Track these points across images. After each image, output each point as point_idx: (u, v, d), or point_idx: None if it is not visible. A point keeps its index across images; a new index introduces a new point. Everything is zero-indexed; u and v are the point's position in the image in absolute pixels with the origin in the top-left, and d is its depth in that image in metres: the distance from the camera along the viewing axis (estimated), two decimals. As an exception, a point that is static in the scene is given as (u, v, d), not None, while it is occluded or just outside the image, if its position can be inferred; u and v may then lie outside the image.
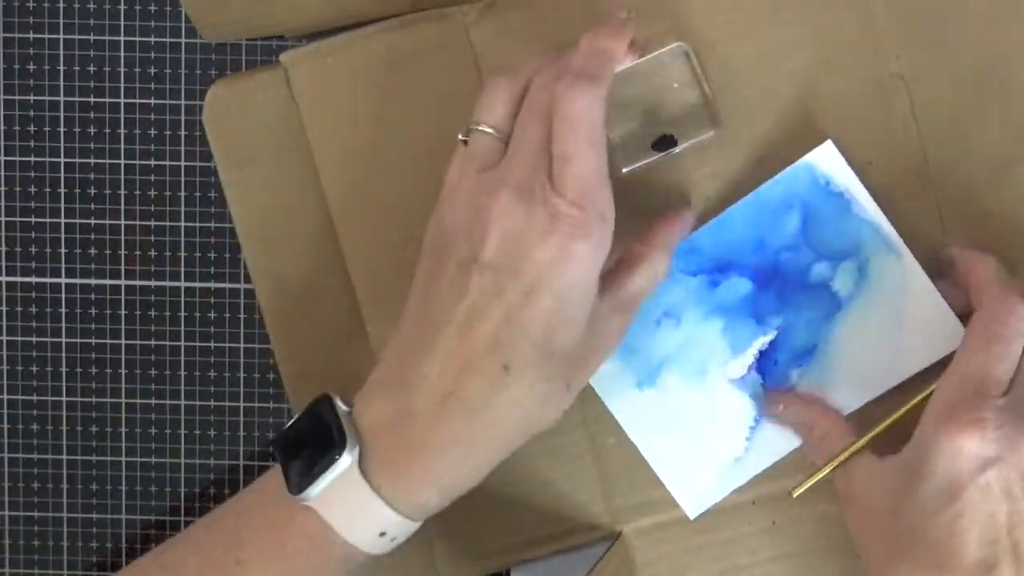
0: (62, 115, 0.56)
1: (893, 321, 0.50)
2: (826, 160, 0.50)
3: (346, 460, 0.42)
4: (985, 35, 0.50)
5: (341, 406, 0.44)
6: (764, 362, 0.51)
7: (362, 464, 0.42)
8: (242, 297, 0.56)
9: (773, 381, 0.51)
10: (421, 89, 0.51)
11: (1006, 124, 0.50)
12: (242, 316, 0.56)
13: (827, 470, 0.48)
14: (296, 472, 0.43)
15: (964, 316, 0.48)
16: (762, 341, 0.51)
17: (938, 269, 0.50)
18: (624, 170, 0.48)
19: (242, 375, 0.56)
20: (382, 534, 0.43)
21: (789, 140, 0.51)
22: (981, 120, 0.51)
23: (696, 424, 0.51)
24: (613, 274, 0.45)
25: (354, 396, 0.45)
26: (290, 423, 0.45)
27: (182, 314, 0.56)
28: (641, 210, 0.48)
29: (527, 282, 0.41)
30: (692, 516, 0.51)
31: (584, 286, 0.42)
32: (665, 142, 0.49)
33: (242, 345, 0.56)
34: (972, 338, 0.44)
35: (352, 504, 0.42)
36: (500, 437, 0.43)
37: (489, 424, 0.42)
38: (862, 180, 0.50)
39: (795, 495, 0.49)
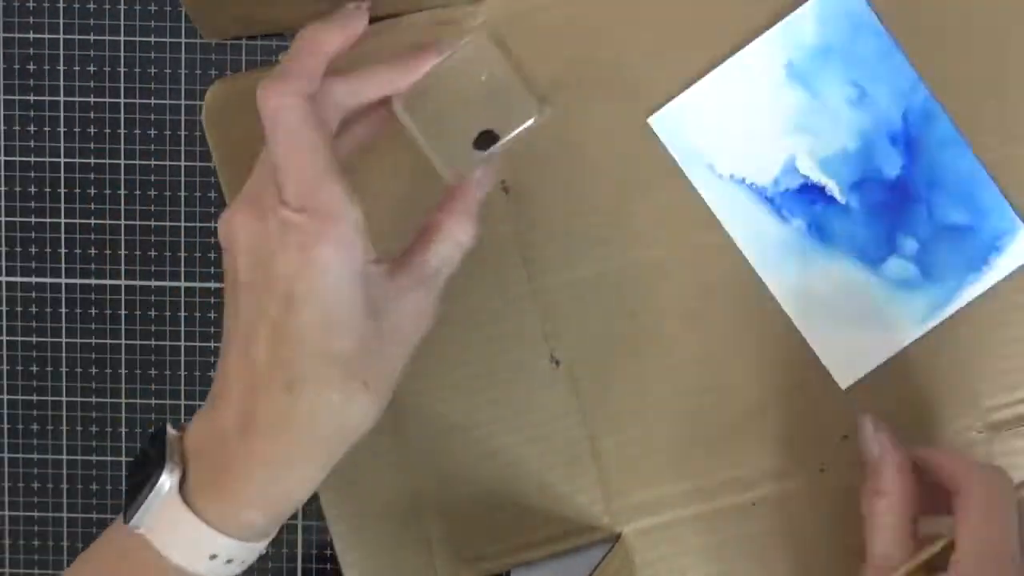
0: (62, 115, 0.56)
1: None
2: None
3: (165, 482, 0.41)
4: (981, 32, 0.50)
5: (170, 430, 0.43)
6: (816, 185, 0.51)
7: (185, 486, 0.42)
8: (242, 297, 0.56)
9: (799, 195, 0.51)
10: (419, 90, 0.51)
11: (1005, 123, 0.50)
12: (242, 316, 0.56)
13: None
14: (128, 499, 0.43)
15: None
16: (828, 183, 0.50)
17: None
18: (449, 176, 0.45)
19: (242, 375, 0.56)
20: (213, 556, 0.42)
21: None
22: (980, 119, 0.50)
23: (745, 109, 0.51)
24: (411, 248, 0.44)
25: None
26: (137, 453, 0.45)
27: (182, 314, 0.56)
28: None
29: (281, 295, 0.40)
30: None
31: (339, 288, 0.40)
32: (486, 139, 0.45)
33: (242, 345, 0.56)
34: (973, 517, 0.43)
35: (175, 527, 0.42)
36: (312, 452, 0.42)
37: (293, 442, 0.41)
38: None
39: None
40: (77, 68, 0.55)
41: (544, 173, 0.51)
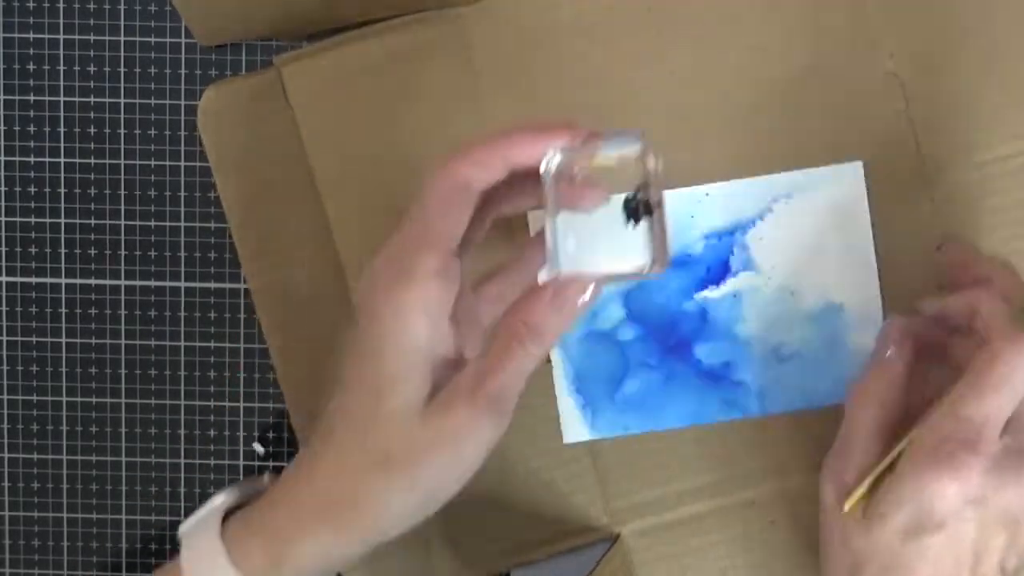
0: (62, 115, 0.56)
1: None
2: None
3: (217, 498, 0.44)
4: (979, 32, 0.50)
5: (265, 479, 0.46)
6: None
7: (234, 514, 0.44)
8: (242, 297, 0.56)
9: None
10: (417, 91, 0.51)
11: (1001, 121, 0.50)
12: (242, 316, 0.56)
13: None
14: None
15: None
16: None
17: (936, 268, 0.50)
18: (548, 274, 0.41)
19: (242, 375, 0.56)
20: None
21: (782, 139, 0.51)
22: (976, 117, 0.50)
23: None
24: (479, 361, 0.41)
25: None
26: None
27: (182, 314, 0.56)
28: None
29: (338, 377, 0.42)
30: None
31: (391, 369, 0.40)
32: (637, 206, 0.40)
33: (242, 345, 0.56)
34: (977, 378, 0.42)
35: (202, 549, 0.43)
36: (342, 525, 0.42)
37: (330, 508, 0.42)
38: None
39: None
40: (77, 68, 0.55)
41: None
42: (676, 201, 0.51)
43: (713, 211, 0.51)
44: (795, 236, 0.50)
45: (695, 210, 0.51)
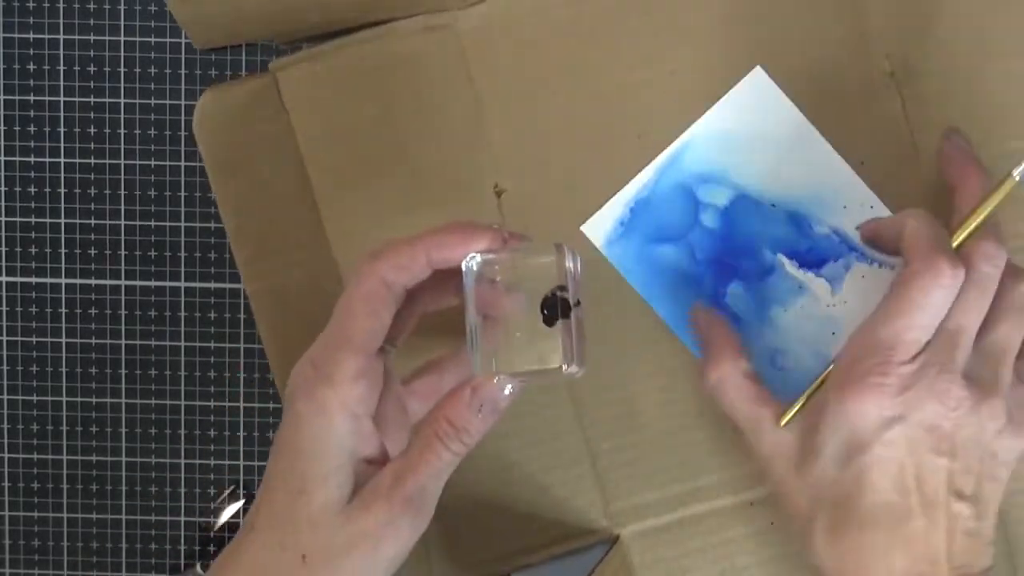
0: (62, 115, 0.56)
1: None
2: None
3: None
4: (976, 32, 0.50)
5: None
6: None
7: None
8: (242, 297, 0.56)
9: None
10: (412, 96, 0.51)
11: (998, 121, 0.50)
12: (242, 316, 0.56)
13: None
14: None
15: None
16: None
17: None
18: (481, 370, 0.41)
19: (242, 375, 0.56)
20: None
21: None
22: (973, 117, 0.50)
23: None
24: (400, 460, 0.42)
25: None
26: None
27: (182, 314, 0.56)
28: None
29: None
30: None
31: (314, 448, 0.40)
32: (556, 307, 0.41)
33: (242, 345, 0.56)
34: (893, 301, 0.42)
35: None
36: None
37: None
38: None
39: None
40: (77, 68, 0.55)
41: (537, 174, 0.51)
42: (849, 183, 0.50)
43: (860, 219, 0.49)
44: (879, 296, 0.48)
45: (851, 204, 0.50)
